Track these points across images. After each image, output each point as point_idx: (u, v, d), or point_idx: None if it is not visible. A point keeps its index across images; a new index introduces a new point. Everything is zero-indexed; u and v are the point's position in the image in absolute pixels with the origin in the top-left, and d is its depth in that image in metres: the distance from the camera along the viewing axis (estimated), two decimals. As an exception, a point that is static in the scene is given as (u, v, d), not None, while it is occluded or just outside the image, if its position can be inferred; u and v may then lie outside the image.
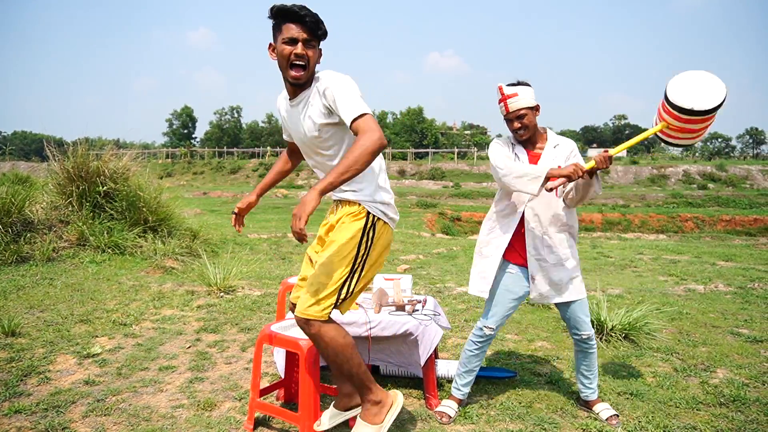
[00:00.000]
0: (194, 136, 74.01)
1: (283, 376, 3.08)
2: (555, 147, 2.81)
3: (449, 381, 3.32)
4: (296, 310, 2.08)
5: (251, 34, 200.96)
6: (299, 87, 2.07)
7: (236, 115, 73.95)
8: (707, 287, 6.06)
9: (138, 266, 6.42)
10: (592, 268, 7.45)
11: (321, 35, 2.05)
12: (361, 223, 2.08)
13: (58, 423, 2.73)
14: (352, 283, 2.07)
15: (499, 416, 2.91)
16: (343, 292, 2.05)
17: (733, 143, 75.78)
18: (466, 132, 74.96)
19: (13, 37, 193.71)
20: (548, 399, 3.13)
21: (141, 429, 2.72)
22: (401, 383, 3.29)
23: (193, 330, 4.32)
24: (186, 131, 72.44)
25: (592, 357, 2.94)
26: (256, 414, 2.82)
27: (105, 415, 2.86)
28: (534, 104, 2.76)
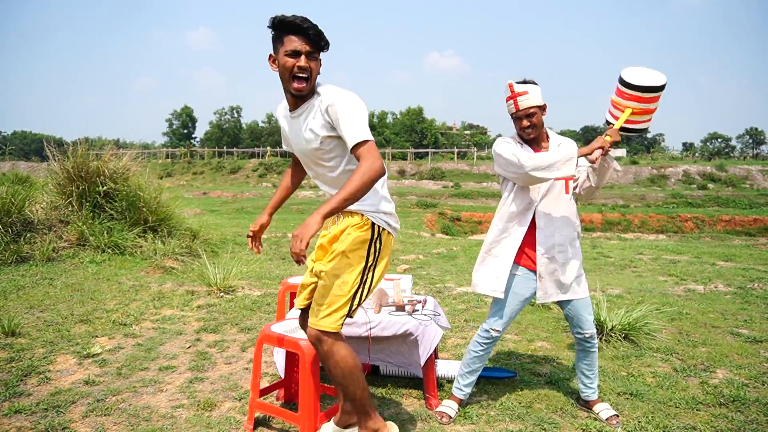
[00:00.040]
0: (194, 136, 74.09)
1: (283, 376, 3.08)
2: (558, 146, 2.82)
3: (449, 381, 3.32)
4: (309, 323, 2.09)
5: (251, 34, 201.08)
6: (301, 98, 2.07)
7: (236, 115, 73.99)
8: (707, 287, 6.06)
9: (138, 266, 6.42)
10: (592, 268, 7.45)
11: (323, 47, 2.05)
12: (368, 235, 2.09)
13: (58, 423, 2.74)
14: (363, 294, 2.10)
15: (499, 416, 2.91)
16: (354, 303, 2.08)
17: (733, 143, 75.87)
18: (466, 132, 75.00)
19: (13, 37, 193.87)
20: (548, 399, 3.13)
21: (141, 429, 2.72)
22: (401, 383, 3.30)
23: (193, 330, 4.32)
24: (186, 131, 72.45)
25: (594, 356, 2.94)
26: (256, 414, 2.82)
27: (105, 415, 2.86)
28: (542, 103, 2.77)
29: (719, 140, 75.78)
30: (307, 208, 15.94)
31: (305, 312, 2.34)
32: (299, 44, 1.98)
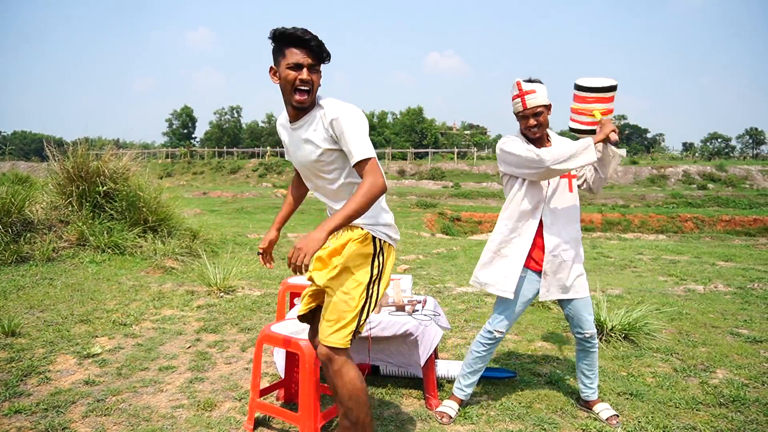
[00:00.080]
0: (194, 136, 74.01)
1: (283, 376, 3.09)
2: None
3: (449, 381, 3.32)
4: (319, 340, 2.10)
5: (251, 34, 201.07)
6: (302, 110, 2.06)
7: (236, 115, 73.93)
8: (707, 287, 6.06)
9: (138, 266, 6.42)
10: (592, 268, 7.45)
11: (324, 59, 2.05)
12: (371, 250, 2.10)
13: (58, 423, 2.74)
14: (369, 307, 2.11)
15: (499, 416, 2.91)
16: (362, 317, 2.09)
17: (733, 143, 75.74)
18: (466, 132, 74.95)
19: (13, 37, 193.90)
20: (548, 399, 3.14)
21: (141, 429, 2.72)
22: (401, 383, 3.30)
23: (193, 330, 4.32)
24: (186, 131, 72.40)
25: (594, 356, 2.94)
26: (256, 414, 2.82)
27: (105, 415, 2.86)
28: (548, 103, 2.77)
29: (719, 140, 75.74)
30: (307, 209, 15.93)
31: (309, 324, 2.35)
32: (301, 57, 1.97)
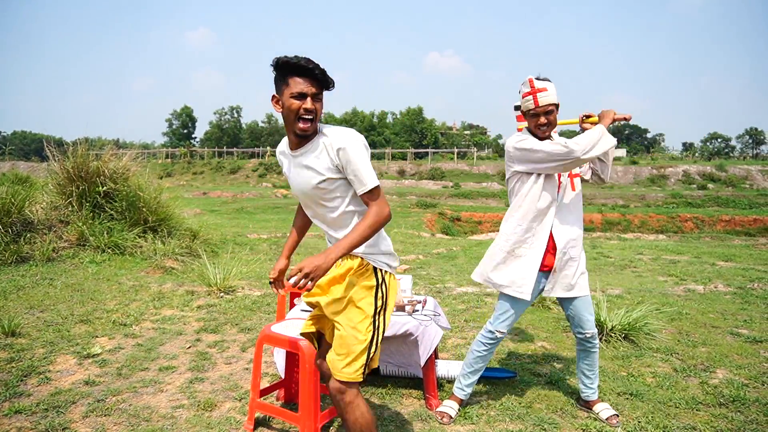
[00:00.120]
0: (194, 136, 74.01)
1: (283, 377, 3.09)
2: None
3: (449, 381, 3.32)
4: (332, 374, 2.09)
5: (251, 34, 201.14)
6: (304, 138, 2.05)
7: (236, 115, 73.92)
8: (707, 287, 6.06)
9: (138, 266, 6.42)
10: (592, 268, 7.45)
11: (328, 87, 2.04)
12: (373, 282, 2.10)
13: (59, 423, 2.74)
14: (378, 339, 2.11)
15: (499, 416, 2.91)
16: (372, 350, 2.08)
17: (733, 143, 75.78)
18: (466, 132, 74.95)
19: (12, 37, 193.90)
20: (548, 399, 3.14)
21: (141, 429, 2.72)
22: (401, 383, 3.30)
23: (193, 330, 4.32)
24: (186, 131, 72.40)
25: (594, 356, 2.94)
26: (257, 414, 2.82)
27: (105, 416, 2.86)
28: (558, 102, 2.77)
29: (719, 140, 75.77)
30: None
31: (310, 340, 2.34)
32: (305, 86, 1.97)
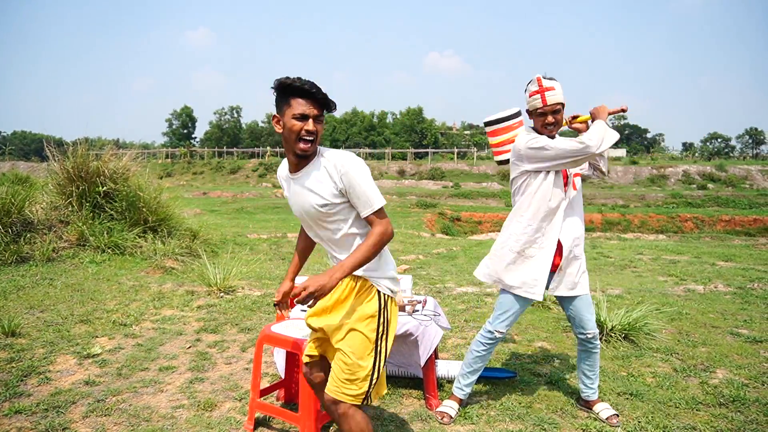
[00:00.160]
0: (194, 136, 74.00)
1: (284, 377, 3.09)
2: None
3: (449, 381, 3.32)
4: (327, 389, 2.08)
5: (251, 34, 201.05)
6: (304, 159, 2.06)
7: (236, 115, 73.94)
8: (707, 287, 6.06)
9: (138, 266, 6.42)
10: (592, 269, 7.45)
11: (330, 109, 2.05)
12: (376, 306, 2.09)
13: (59, 423, 2.74)
14: (380, 363, 2.10)
15: (499, 416, 2.91)
16: (374, 376, 2.08)
17: (733, 143, 75.76)
18: (466, 132, 74.99)
19: (12, 37, 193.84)
20: (548, 399, 3.14)
21: (141, 429, 2.73)
22: (401, 383, 3.30)
23: (193, 330, 4.32)
24: (186, 131, 72.40)
25: (596, 357, 2.94)
26: (257, 414, 2.82)
27: (105, 416, 2.86)
28: (564, 101, 2.76)
29: (719, 140, 75.76)
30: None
31: (312, 363, 2.30)
32: (307, 108, 1.97)
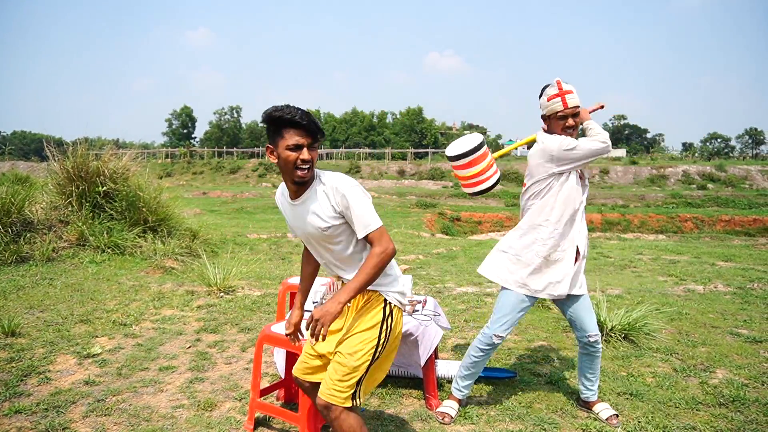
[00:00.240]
0: (194, 136, 73.98)
1: (284, 377, 3.09)
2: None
3: (449, 381, 3.32)
4: (320, 393, 2.10)
5: (251, 34, 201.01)
6: (302, 185, 2.07)
7: (236, 115, 73.92)
8: (707, 287, 6.06)
9: (138, 266, 6.42)
10: (592, 269, 7.45)
11: (321, 137, 2.07)
12: (380, 314, 2.11)
13: (59, 423, 2.74)
14: (371, 369, 2.12)
15: (499, 416, 2.91)
16: (363, 379, 2.10)
17: (733, 143, 75.73)
18: (466, 132, 74.86)
19: (12, 37, 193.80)
20: (548, 399, 3.14)
21: (141, 429, 2.73)
22: (401, 383, 3.30)
23: (193, 330, 4.32)
24: (185, 131, 72.38)
25: (598, 360, 2.94)
26: (257, 414, 2.82)
27: (105, 416, 2.86)
28: (580, 105, 2.76)
29: (719, 140, 75.74)
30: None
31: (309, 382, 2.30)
32: (300, 138, 1.98)
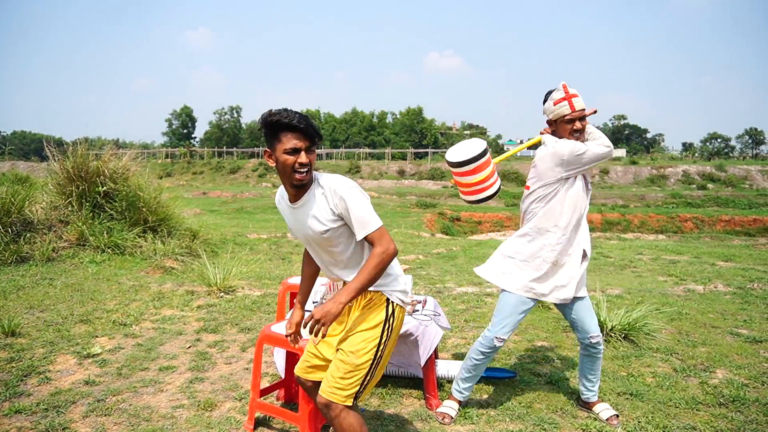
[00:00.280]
0: (194, 136, 73.95)
1: (284, 377, 3.09)
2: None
3: (449, 381, 3.32)
4: (321, 391, 2.10)
5: (251, 34, 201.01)
6: (301, 188, 2.08)
7: (236, 115, 73.88)
8: (707, 287, 6.06)
9: (138, 266, 6.42)
10: (592, 269, 7.45)
11: (319, 140, 2.07)
12: (383, 313, 2.12)
13: (59, 423, 2.74)
14: (376, 369, 2.12)
15: (499, 416, 2.91)
16: (367, 379, 2.10)
17: (733, 143, 75.67)
18: (466, 132, 74.94)
19: (12, 37, 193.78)
20: (548, 399, 3.14)
21: (141, 429, 2.73)
22: (401, 383, 3.30)
23: (193, 330, 4.32)
24: (185, 131, 72.36)
25: (599, 361, 2.94)
26: (257, 414, 2.82)
27: (105, 416, 2.86)
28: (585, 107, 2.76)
29: (719, 140, 75.68)
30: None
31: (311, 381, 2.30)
32: (297, 141, 1.98)
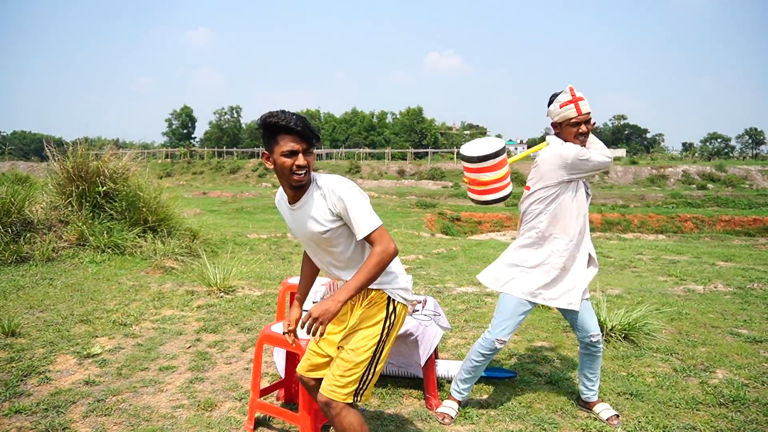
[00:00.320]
0: (194, 136, 73.98)
1: (284, 377, 3.09)
2: None
3: (449, 381, 3.32)
4: (321, 389, 2.11)
5: (251, 34, 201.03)
6: (300, 189, 2.08)
7: (236, 115, 73.93)
8: (707, 287, 6.06)
9: (138, 266, 6.42)
10: (592, 269, 7.45)
11: (316, 142, 2.07)
12: (384, 311, 2.12)
13: (59, 423, 2.74)
14: (375, 366, 2.12)
15: (499, 416, 2.91)
16: (366, 376, 2.10)
17: (733, 143, 75.68)
18: (466, 132, 74.95)
19: (11, 37, 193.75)
20: (548, 399, 3.14)
21: (141, 429, 2.73)
22: (401, 383, 3.30)
23: (193, 330, 4.32)
24: (185, 131, 72.39)
25: (599, 361, 2.94)
26: (257, 414, 2.82)
27: (105, 416, 2.86)
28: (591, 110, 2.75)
29: (719, 140, 75.71)
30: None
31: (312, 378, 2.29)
32: (295, 144, 1.99)
